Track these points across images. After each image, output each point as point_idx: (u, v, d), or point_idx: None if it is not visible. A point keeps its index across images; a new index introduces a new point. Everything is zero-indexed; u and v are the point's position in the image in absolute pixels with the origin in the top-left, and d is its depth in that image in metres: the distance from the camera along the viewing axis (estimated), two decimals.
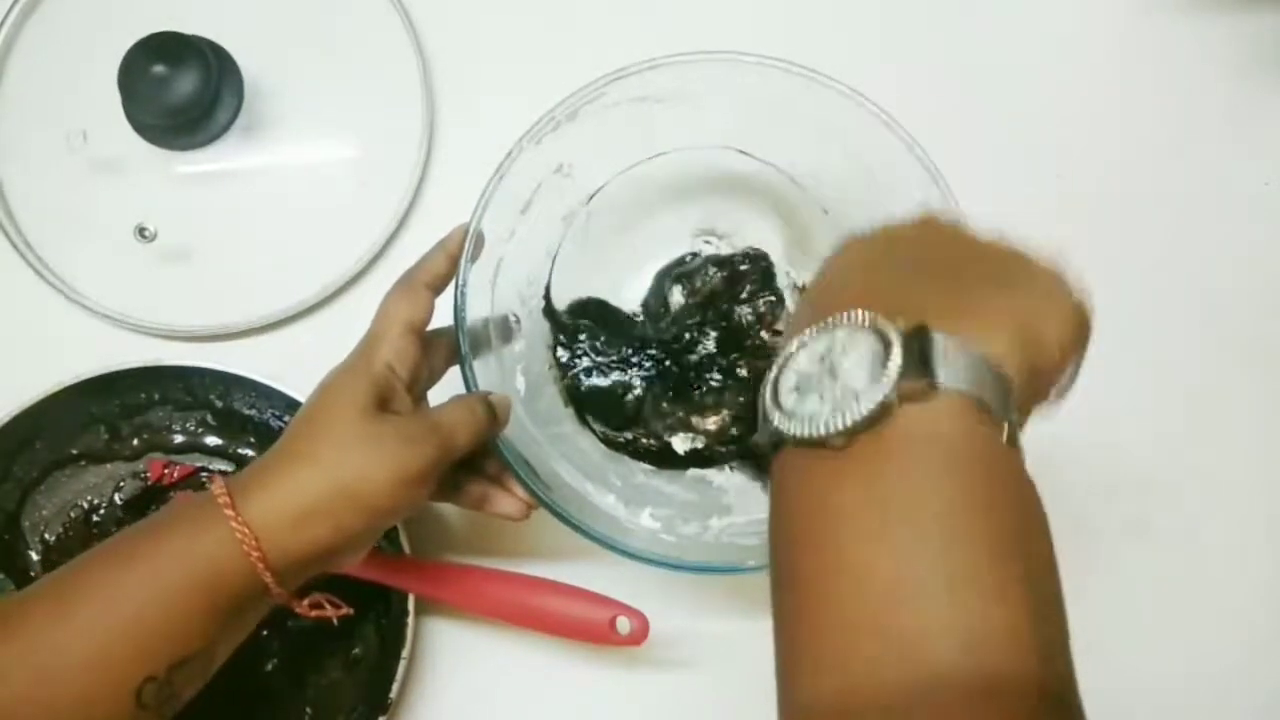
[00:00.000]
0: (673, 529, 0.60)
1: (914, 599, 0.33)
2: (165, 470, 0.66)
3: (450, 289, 0.56)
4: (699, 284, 0.66)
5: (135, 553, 0.47)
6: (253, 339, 0.68)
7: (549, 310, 0.65)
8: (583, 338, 0.65)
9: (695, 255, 0.67)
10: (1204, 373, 0.71)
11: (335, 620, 0.52)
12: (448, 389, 0.56)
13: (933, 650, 0.32)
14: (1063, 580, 0.35)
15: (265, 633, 0.64)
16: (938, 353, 0.34)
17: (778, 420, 0.35)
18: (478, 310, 0.58)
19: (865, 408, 0.34)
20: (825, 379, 0.35)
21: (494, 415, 0.54)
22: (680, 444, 0.65)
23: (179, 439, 0.67)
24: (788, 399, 0.36)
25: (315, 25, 0.69)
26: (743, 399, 0.65)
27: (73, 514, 0.66)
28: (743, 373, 0.65)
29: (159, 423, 0.66)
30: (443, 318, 0.55)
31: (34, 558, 0.65)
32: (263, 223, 0.68)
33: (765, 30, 0.71)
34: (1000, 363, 0.36)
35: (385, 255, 0.68)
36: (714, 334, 0.66)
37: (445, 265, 0.56)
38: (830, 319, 0.36)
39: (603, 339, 0.65)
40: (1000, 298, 0.38)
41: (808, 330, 0.37)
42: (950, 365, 0.34)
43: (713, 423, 0.65)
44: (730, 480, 0.65)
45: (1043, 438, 0.68)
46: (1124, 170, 0.72)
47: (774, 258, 0.67)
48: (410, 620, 0.62)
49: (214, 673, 0.48)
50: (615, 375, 0.65)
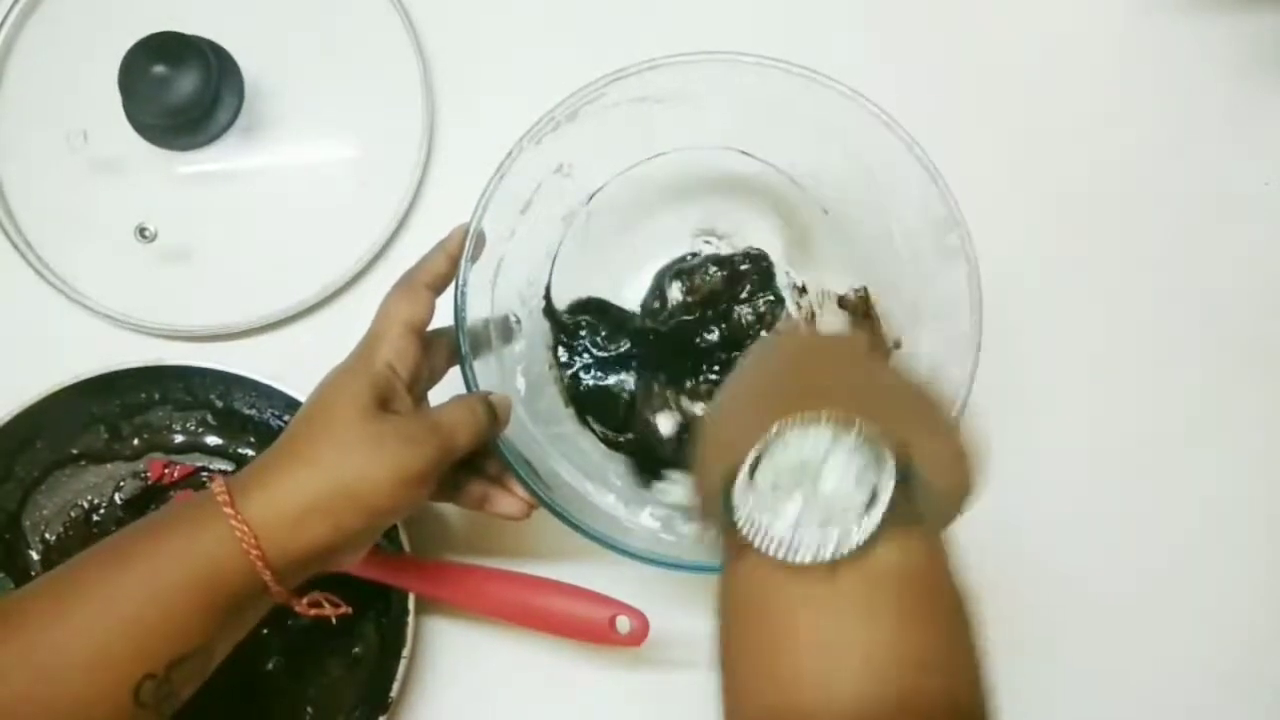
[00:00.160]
0: (672, 529, 0.60)
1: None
2: (165, 470, 0.66)
3: (450, 289, 0.56)
4: (698, 281, 0.66)
5: (134, 551, 0.47)
6: (253, 339, 0.68)
7: (549, 310, 0.66)
8: (583, 334, 0.65)
9: (695, 255, 0.67)
10: (1204, 373, 0.71)
11: (334, 619, 0.52)
12: (448, 389, 0.56)
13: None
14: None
15: (266, 632, 0.63)
16: (918, 485, 0.35)
17: (755, 522, 0.35)
18: (478, 310, 0.58)
19: (857, 540, 0.34)
20: (807, 484, 0.35)
21: (494, 415, 0.54)
22: (665, 424, 0.64)
23: (179, 439, 0.67)
24: (765, 495, 0.35)
25: (315, 25, 0.69)
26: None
27: (73, 514, 0.66)
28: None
29: (159, 422, 0.67)
30: (443, 318, 0.55)
31: (34, 557, 0.65)
32: (263, 223, 0.68)
33: (765, 30, 0.71)
34: (951, 493, 0.38)
35: (385, 255, 0.68)
36: (715, 329, 0.66)
37: (445, 265, 0.56)
38: (811, 415, 0.36)
39: (603, 333, 0.65)
40: (941, 430, 0.40)
41: (789, 420, 0.36)
42: (926, 498, 0.35)
43: (700, 409, 0.65)
44: None
45: (1043, 437, 0.69)
46: (1124, 170, 0.72)
47: (774, 258, 0.67)
48: (410, 620, 0.62)
49: (212, 671, 0.48)
50: (615, 375, 0.65)
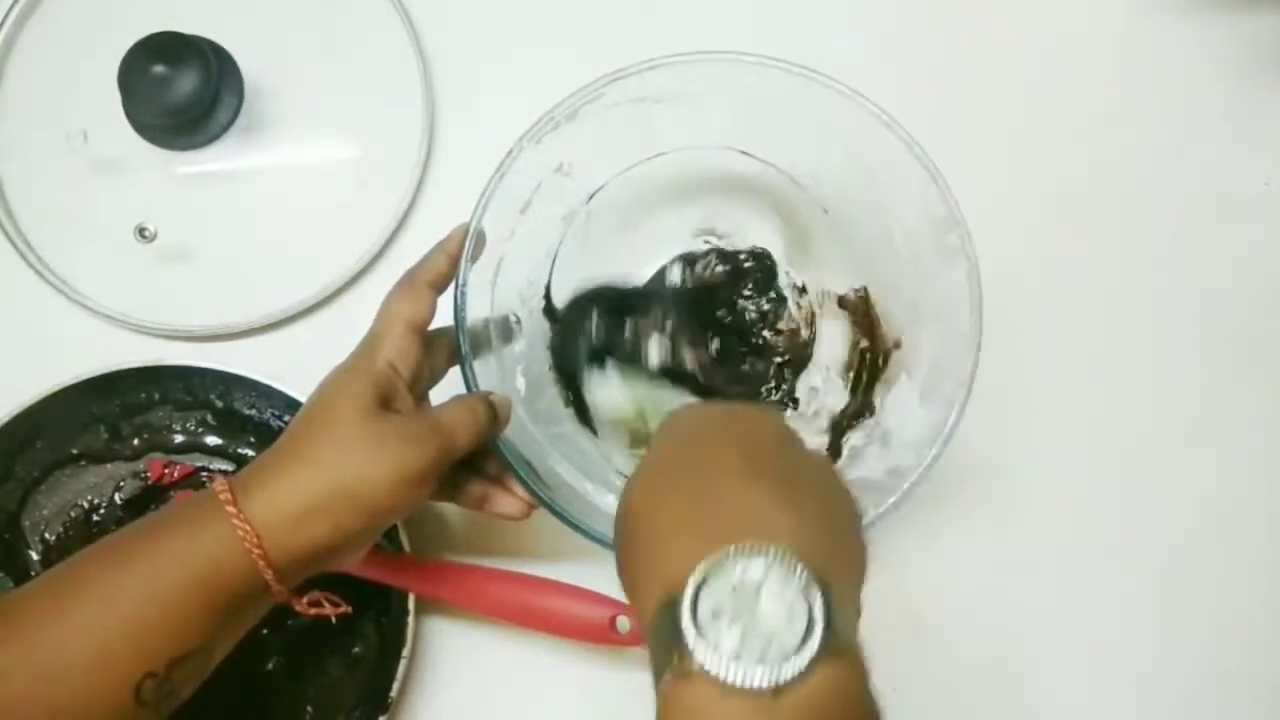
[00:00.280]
0: None
1: None
2: (165, 470, 0.66)
3: (450, 289, 0.56)
4: (699, 269, 0.66)
5: (134, 550, 0.47)
6: (253, 339, 0.68)
7: (549, 310, 0.65)
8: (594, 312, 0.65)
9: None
10: (1204, 372, 0.71)
11: (334, 619, 0.52)
12: (448, 389, 0.56)
13: None
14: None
15: (266, 632, 0.63)
16: (836, 613, 0.36)
17: (702, 651, 0.36)
18: (478, 310, 0.58)
19: (798, 666, 0.35)
20: (745, 614, 0.36)
21: (495, 415, 0.54)
22: (654, 351, 0.64)
23: (179, 439, 0.67)
24: (709, 626, 0.36)
25: (315, 25, 0.69)
26: (745, 350, 0.67)
27: (73, 514, 0.66)
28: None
29: (159, 422, 0.67)
30: (443, 317, 0.55)
31: (34, 557, 0.65)
32: (263, 223, 0.68)
33: (765, 30, 0.71)
34: (859, 609, 0.40)
35: (385, 255, 0.68)
36: (722, 309, 0.66)
37: (446, 265, 0.56)
38: (757, 546, 0.37)
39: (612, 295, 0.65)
40: (852, 537, 0.42)
41: (734, 550, 0.37)
42: (848, 624, 0.37)
43: (690, 360, 0.65)
44: None
45: (1043, 437, 0.69)
46: (1124, 170, 0.72)
47: (774, 257, 0.67)
48: (410, 620, 0.62)
49: (212, 670, 0.48)
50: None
